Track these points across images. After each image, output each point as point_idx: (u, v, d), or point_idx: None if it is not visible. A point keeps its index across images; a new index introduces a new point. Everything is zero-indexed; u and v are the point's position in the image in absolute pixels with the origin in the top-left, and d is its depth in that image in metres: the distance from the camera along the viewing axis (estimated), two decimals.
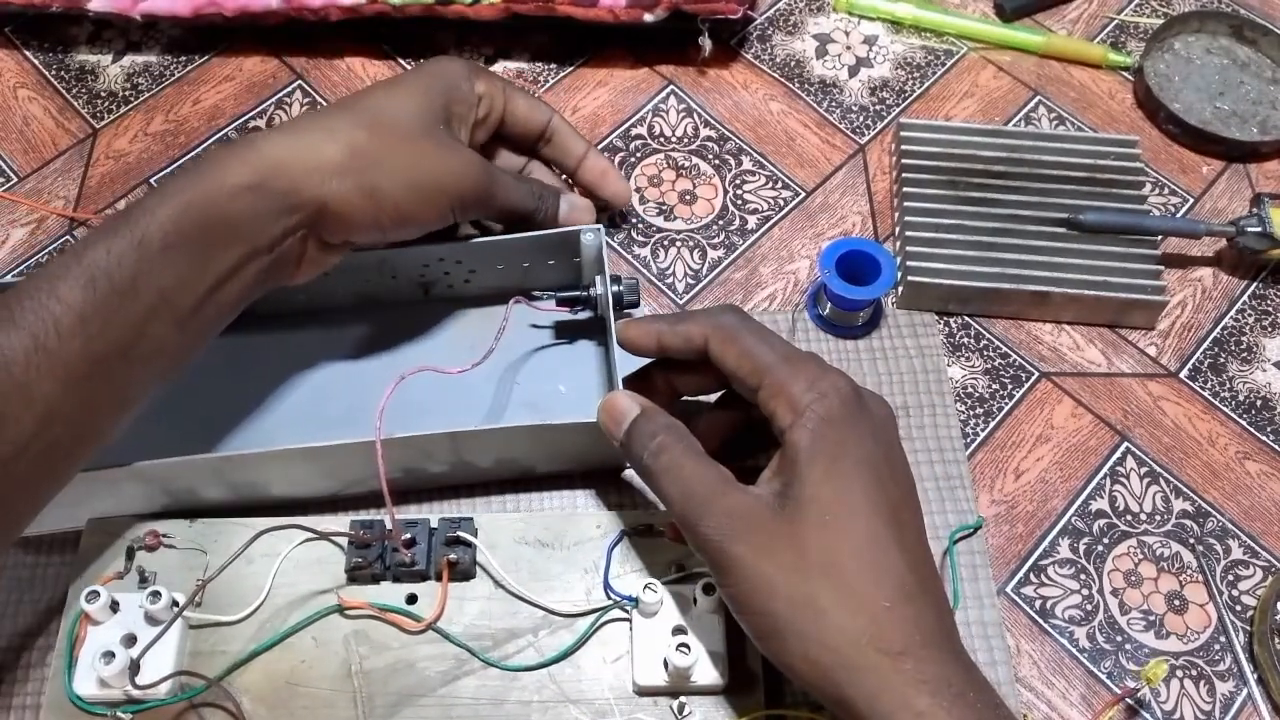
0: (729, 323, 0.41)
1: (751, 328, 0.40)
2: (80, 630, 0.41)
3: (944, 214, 0.54)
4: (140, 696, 0.40)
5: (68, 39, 0.63)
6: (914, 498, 0.38)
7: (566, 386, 0.49)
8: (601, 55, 0.63)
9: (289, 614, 0.42)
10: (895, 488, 0.38)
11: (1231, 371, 0.52)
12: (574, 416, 0.43)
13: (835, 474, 0.37)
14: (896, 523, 0.37)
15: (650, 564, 0.44)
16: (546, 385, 0.49)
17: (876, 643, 0.34)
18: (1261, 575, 0.47)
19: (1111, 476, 0.49)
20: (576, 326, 0.50)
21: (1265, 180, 0.59)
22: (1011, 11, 0.65)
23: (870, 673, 0.34)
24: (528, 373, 0.49)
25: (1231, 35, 0.63)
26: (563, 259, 0.50)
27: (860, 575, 0.35)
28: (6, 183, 0.57)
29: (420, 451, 0.44)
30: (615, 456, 0.46)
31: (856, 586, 0.35)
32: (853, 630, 0.35)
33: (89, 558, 0.43)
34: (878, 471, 0.37)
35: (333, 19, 0.60)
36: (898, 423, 0.40)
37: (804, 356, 0.40)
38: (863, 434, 0.38)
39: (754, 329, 0.40)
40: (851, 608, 0.35)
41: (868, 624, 0.35)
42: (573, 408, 0.48)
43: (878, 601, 0.35)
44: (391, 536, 0.42)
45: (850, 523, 0.36)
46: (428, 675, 0.42)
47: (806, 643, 0.35)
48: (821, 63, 0.63)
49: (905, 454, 0.39)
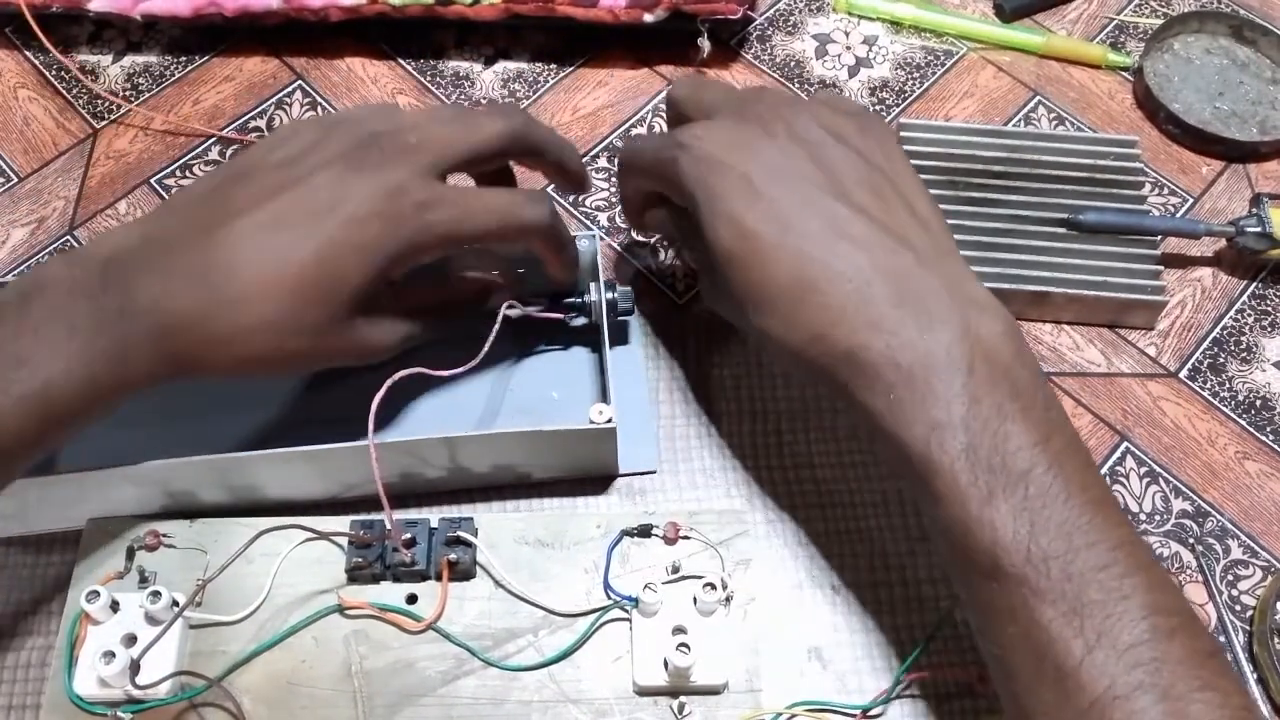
0: (624, 149, 0.46)
1: (633, 148, 0.45)
2: (80, 630, 0.41)
3: (944, 214, 0.54)
4: (140, 696, 0.40)
5: (68, 39, 0.63)
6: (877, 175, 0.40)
7: (560, 393, 0.49)
8: (601, 55, 0.63)
9: (289, 614, 0.42)
10: (830, 171, 0.39)
11: (1231, 371, 0.52)
12: (567, 423, 0.43)
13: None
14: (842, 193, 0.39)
15: (650, 564, 0.44)
16: (540, 391, 0.49)
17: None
18: (1261, 575, 0.47)
19: (1111, 476, 0.49)
20: (571, 332, 0.50)
21: (1265, 180, 0.59)
22: (1011, 12, 0.65)
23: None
24: (521, 378, 0.49)
25: (1231, 35, 0.63)
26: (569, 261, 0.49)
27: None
28: (7, 183, 0.57)
29: (416, 456, 0.44)
30: (609, 464, 0.47)
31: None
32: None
33: (89, 557, 0.44)
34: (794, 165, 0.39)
35: (333, 19, 0.60)
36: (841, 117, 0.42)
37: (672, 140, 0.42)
38: (752, 148, 0.40)
39: (634, 149, 0.45)
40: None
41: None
42: (567, 414, 0.48)
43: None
44: (391, 536, 0.42)
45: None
46: (428, 675, 0.42)
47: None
48: (821, 63, 0.63)
49: (863, 139, 0.41)
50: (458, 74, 0.62)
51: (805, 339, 0.37)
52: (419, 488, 0.46)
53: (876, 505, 0.47)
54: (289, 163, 0.40)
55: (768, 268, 0.38)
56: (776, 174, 0.39)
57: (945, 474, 0.34)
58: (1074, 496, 0.34)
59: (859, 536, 0.46)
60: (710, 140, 0.40)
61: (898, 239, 0.38)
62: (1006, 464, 0.34)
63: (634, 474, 0.48)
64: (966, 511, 0.34)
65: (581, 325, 0.49)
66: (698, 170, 0.40)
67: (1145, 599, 0.32)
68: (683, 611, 0.42)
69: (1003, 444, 0.34)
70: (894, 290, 0.36)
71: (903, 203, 0.40)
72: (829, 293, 0.37)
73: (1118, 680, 0.31)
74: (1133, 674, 0.31)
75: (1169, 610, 0.32)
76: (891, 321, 0.36)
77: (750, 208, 0.39)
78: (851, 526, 0.46)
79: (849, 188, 0.39)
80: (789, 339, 0.38)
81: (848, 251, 0.37)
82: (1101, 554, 0.33)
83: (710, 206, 0.39)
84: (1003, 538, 0.33)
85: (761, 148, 0.40)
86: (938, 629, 0.43)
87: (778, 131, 0.40)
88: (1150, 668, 0.31)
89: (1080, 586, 0.32)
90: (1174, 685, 0.31)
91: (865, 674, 0.43)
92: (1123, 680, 0.31)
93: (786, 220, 0.38)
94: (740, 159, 0.39)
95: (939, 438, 0.34)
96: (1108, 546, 0.33)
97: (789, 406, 0.49)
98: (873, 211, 0.38)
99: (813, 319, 0.37)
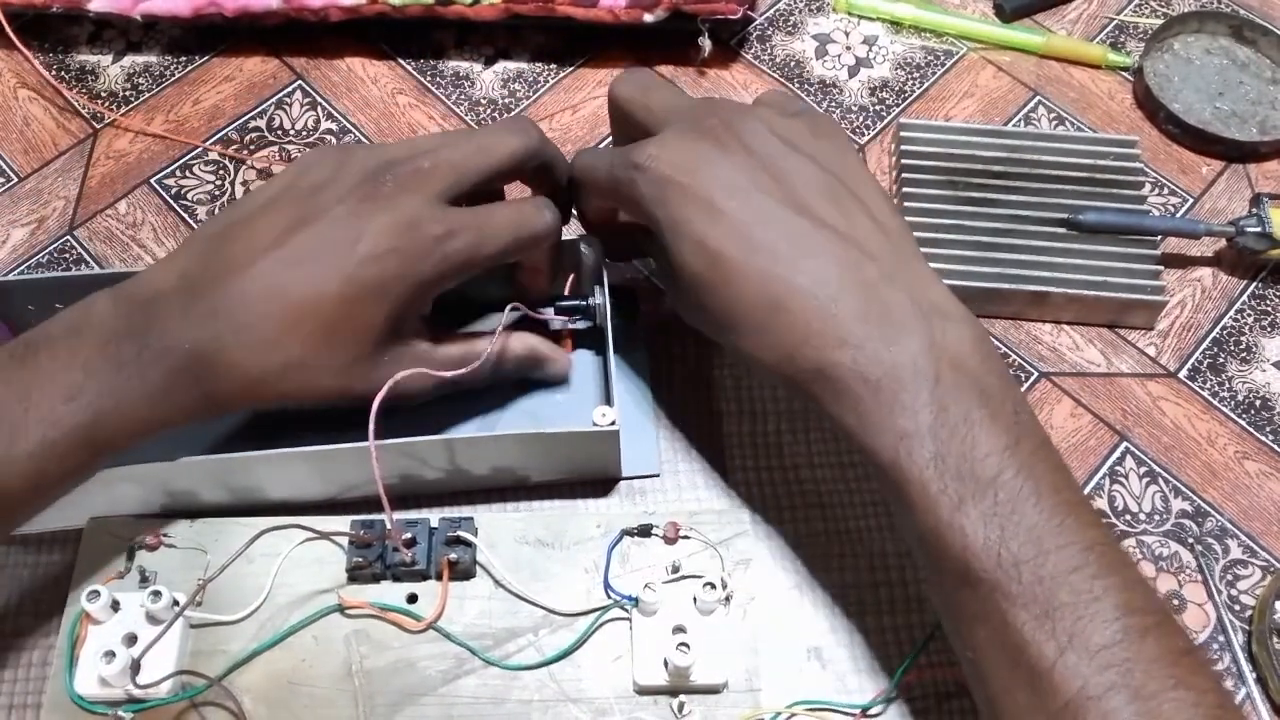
0: (577, 167, 0.45)
1: (583, 162, 0.45)
2: (81, 630, 0.41)
3: (943, 214, 0.54)
4: (141, 696, 0.40)
5: (68, 39, 0.63)
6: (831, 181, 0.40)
7: (563, 396, 0.49)
8: (601, 55, 0.63)
9: (290, 613, 0.43)
10: (785, 183, 0.39)
11: (1231, 371, 0.52)
12: (570, 425, 0.43)
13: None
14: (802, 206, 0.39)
15: (650, 564, 0.44)
16: (544, 394, 0.49)
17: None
18: (1260, 575, 0.47)
19: (1111, 476, 0.49)
20: (575, 336, 0.50)
21: (1265, 180, 0.59)
22: (1011, 12, 0.65)
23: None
24: (525, 381, 0.49)
25: (1231, 35, 0.63)
26: (562, 269, 0.49)
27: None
28: (7, 183, 0.57)
29: (416, 459, 0.44)
30: (611, 467, 0.47)
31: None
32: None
33: (89, 557, 0.44)
34: (751, 178, 0.39)
35: (333, 19, 0.60)
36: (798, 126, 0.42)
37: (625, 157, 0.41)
38: (710, 168, 0.39)
39: (587, 161, 0.45)
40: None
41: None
42: (570, 417, 0.47)
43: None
44: (392, 536, 0.42)
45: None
46: (428, 674, 0.42)
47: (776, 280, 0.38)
48: (821, 63, 0.63)
49: (817, 148, 0.41)
50: (457, 74, 0.62)
51: (777, 357, 0.38)
52: (419, 489, 0.46)
53: (876, 505, 0.47)
54: (310, 194, 0.40)
55: (735, 289, 0.38)
56: (736, 191, 0.39)
57: (915, 482, 0.35)
58: (1044, 500, 0.34)
59: (858, 536, 0.46)
60: (666, 160, 0.40)
61: (860, 250, 0.38)
62: (975, 470, 0.34)
63: (636, 477, 0.48)
64: (937, 519, 0.34)
65: (586, 328, 0.49)
66: (657, 192, 0.40)
67: (1118, 599, 0.32)
68: (682, 611, 0.42)
69: (971, 451, 0.34)
70: (859, 304, 0.37)
71: (861, 208, 0.40)
72: (796, 312, 0.37)
73: (1090, 681, 0.31)
74: (1105, 675, 0.31)
75: (1142, 610, 0.33)
76: (858, 336, 0.36)
77: (713, 229, 0.39)
78: (851, 526, 0.46)
79: (808, 199, 0.39)
80: (761, 357, 0.38)
81: (812, 268, 0.37)
82: (1073, 556, 0.33)
83: (673, 230, 0.39)
84: (973, 543, 0.34)
85: (718, 164, 0.40)
86: (937, 629, 0.43)
87: (732, 145, 0.40)
88: (1123, 668, 0.31)
89: (1052, 589, 0.33)
90: (1146, 685, 0.31)
91: (865, 674, 0.43)
92: (1095, 681, 0.31)
93: (750, 239, 0.38)
94: (699, 178, 0.39)
95: (907, 447, 0.35)
96: (1079, 548, 0.33)
97: (789, 407, 0.49)
98: (833, 222, 0.39)
99: (782, 338, 0.37)
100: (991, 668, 0.34)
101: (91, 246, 0.55)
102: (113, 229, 0.56)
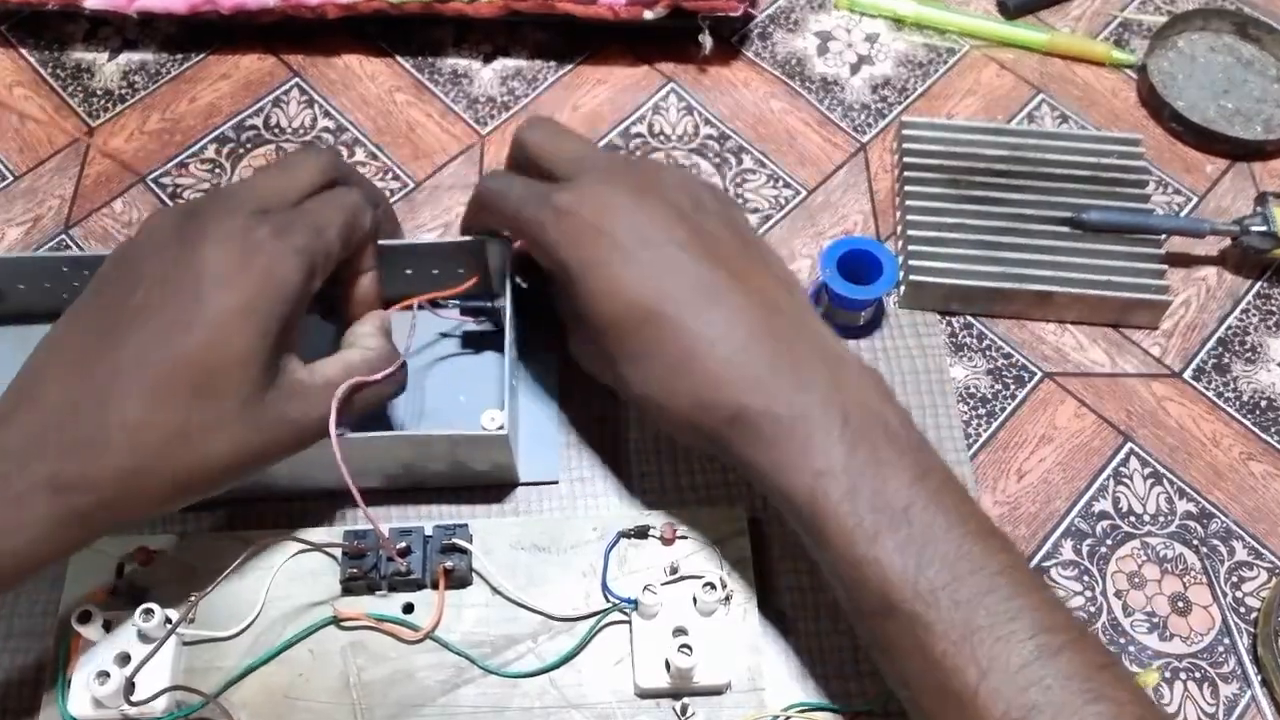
0: (481, 188, 0.44)
1: (495, 186, 0.43)
2: (73, 650, 0.40)
3: (946, 213, 0.54)
4: (136, 715, 0.39)
5: (64, 37, 0.63)
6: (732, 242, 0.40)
7: (467, 396, 0.48)
8: (601, 53, 0.62)
9: (284, 627, 0.42)
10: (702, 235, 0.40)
11: (1236, 372, 0.52)
12: (472, 428, 0.43)
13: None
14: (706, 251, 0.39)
15: (648, 565, 0.43)
16: (448, 394, 0.48)
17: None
18: (1266, 577, 0.47)
19: (1115, 477, 0.49)
20: (482, 337, 0.49)
21: (1270, 179, 0.59)
22: (1014, 9, 0.64)
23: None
24: (431, 381, 0.49)
25: (1235, 33, 0.63)
26: (471, 269, 0.48)
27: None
28: (2, 182, 0.57)
29: (314, 462, 0.41)
30: (507, 472, 0.46)
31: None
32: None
33: (78, 575, 0.42)
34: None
35: (330, 16, 0.60)
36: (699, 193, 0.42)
37: (538, 195, 0.41)
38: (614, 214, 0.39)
39: (498, 186, 0.43)
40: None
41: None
42: (472, 418, 0.45)
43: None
44: (385, 546, 0.42)
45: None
46: (427, 684, 0.41)
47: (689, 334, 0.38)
48: (823, 60, 0.63)
49: (721, 210, 0.41)
50: (456, 71, 0.62)
51: (688, 405, 0.38)
52: (331, 487, 0.44)
53: None
54: (134, 284, 0.38)
55: (646, 336, 0.38)
56: (649, 240, 0.39)
57: (832, 517, 0.35)
58: (955, 528, 0.35)
59: None
60: (581, 205, 0.40)
61: (768, 304, 0.39)
62: (889, 502, 0.35)
63: (534, 484, 0.47)
64: (855, 552, 0.35)
65: (489, 330, 0.49)
66: (568, 238, 0.40)
67: (1032, 619, 0.33)
68: (683, 612, 0.42)
69: (883, 485, 0.35)
70: (769, 352, 0.38)
71: (766, 267, 0.41)
72: (710, 359, 0.38)
73: (1013, 703, 0.32)
74: (1026, 694, 0.32)
75: (1055, 628, 0.33)
76: (769, 383, 0.37)
77: (624, 275, 0.39)
78: None
79: (720, 252, 0.40)
80: (671, 404, 0.38)
81: (725, 318, 0.38)
82: (986, 579, 0.34)
83: (583, 275, 0.39)
84: (891, 574, 0.34)
85: (633, 212, 0.40)
86: None
87: (650, 197, 0.40)
88: (1041, 686, 0.32)
89: (969, 613, 0.33)
90: (1067, 701, 0.32)
91: (865, 674, 0.43)
92: (1017, 702, 0.32)
93: (662, 288, 0.38)
94: (613, 224, 0.39)
95: (823, 485, 0.36)
96: (991, 572, 0.34)
97: None
98: (744, 277, 0.39)
99: (694, 385, 0.38)
100: (920, 697, 0.35)
101: (87, 245, 0.55)
102: (109, 228, 0.55)
